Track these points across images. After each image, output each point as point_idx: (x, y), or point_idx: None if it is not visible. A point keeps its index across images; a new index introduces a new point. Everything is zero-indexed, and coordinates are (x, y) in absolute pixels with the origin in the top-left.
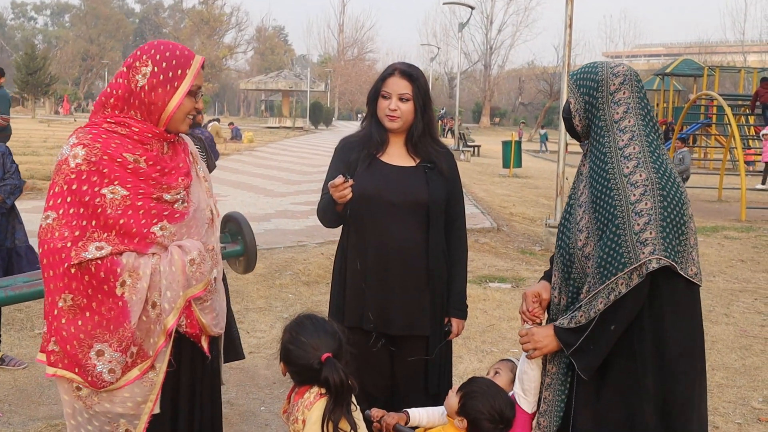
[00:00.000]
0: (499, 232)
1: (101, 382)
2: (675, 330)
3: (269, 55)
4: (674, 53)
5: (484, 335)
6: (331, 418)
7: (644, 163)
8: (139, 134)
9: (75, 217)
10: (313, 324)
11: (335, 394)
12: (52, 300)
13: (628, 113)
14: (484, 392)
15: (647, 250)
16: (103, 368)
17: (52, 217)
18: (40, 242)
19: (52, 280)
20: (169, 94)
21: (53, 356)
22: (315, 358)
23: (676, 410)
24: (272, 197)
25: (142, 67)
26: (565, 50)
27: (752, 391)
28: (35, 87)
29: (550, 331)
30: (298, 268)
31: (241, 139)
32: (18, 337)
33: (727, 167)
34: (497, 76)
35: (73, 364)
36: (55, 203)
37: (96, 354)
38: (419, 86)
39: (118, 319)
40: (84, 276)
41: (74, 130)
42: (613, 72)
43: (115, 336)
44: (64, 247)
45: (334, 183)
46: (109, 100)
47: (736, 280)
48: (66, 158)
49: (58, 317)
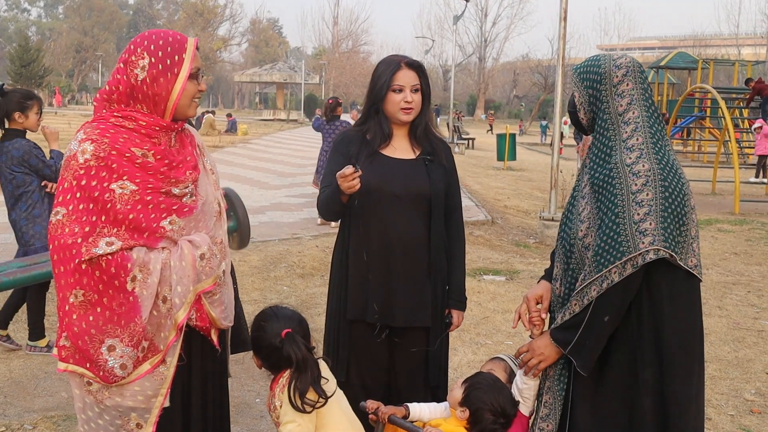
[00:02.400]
0: (493, 224)
1: (113, 377)
2: (674, 322)
3: (264, 48)
4: (669, 46)
5: (479, 327)
6: (297, 387)
7: (647, 153)
8: (146, 128)
9: (85, 213)
10: (273, 310)
11: (296, 366)
12: (64, 296)
13: (632, 105)
14: (490, 385)
15: (647, 240)
16: (115, 363)
17: (62, 212)
18: (50, 238)
19: (63, 276)
20: (171, 81)
21: (64, 351)
22: (276, 337)
23: (674, 403)
24: (267, 190)
25: (138, 60)
26: (559, 43)
27: (745, 383)
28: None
29: (548, 339)
30: (292, 261)
31: (236, 132)
32: (13, 329)
33: (721, 160)
34: (492, 68)
35: (84, 359)
36: (64, 199)
37: (107, 349)
38: (425, 77)
39: (129, 314)
40: (95, 271)
41: (81, 125)
42: (616, 64)
43: (126, 331)
44: (75, 243)
45: (344, 173)
46: (112, 96)
47: (730, 273)
48: (74, 154)
49: (70, 313)
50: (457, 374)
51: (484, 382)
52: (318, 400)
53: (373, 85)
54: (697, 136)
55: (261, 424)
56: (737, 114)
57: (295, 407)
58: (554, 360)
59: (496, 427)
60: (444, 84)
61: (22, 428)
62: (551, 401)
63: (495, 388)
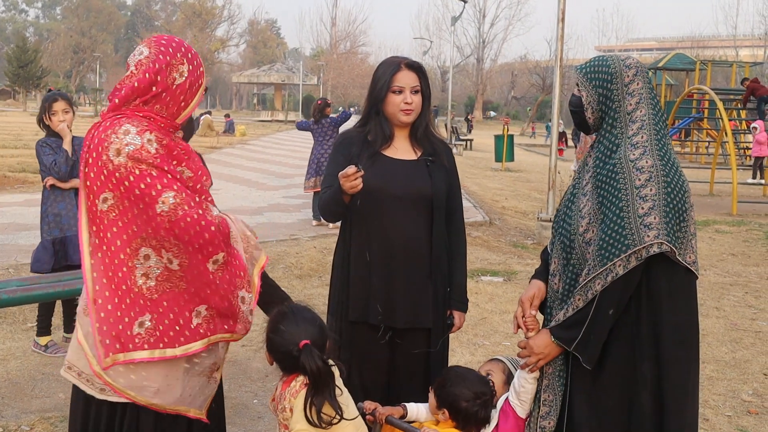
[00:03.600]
0: (491, 225)
1: (248, 323)
2: (672, 316)
3: (261, 49)
4: (666, 47)
5: (476, 328)
6: (314, 403)
7: (650, 150)
8: (163, 129)
9: (184, 191)
10: (293, 313)
11: (313, 380)
12: (204, 268)
13: (641, 103)
14: (454, 378)
15: (652, 234)
16: (247, 309)
17: (171, 195)
18: (175, 221)
19: (203, 247)
20: (196, 90)
21: (202, 327)
22: (293, 346)
23: (672, 397)
24: (265, 191)
25: (179, 65)
26: (557, 44)
27: (742, 383)
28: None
29: (548, 338)
30: (290, 262)
31: (234, 133)
32: (11, 330)
33: (719, 161)
34: (490, 69)
35: (222, 321)
36: (162, 184)
37: (240, 301)
38: (425, 78)
39: (240, 264)
40: (222, 235)
41: (113, 121)
42: (626, 64)
43: (244, 280)
44: (200, 215)
45: (346, 173)
46: (141, 95)
47: (727, 274)
48: (142, 146)
49: (215, 278)
50: None
51: (448, 378)
52: (334, 417)
53: (374, 86)
54: (695, 137)
55: (258, 425)
56: (735, 115)
57: (310, 422)
58: (552, 357)
59: (477, 409)
60: (442, 85)
61: (20, 429)
62: (551, 398)
63: (459, 377)
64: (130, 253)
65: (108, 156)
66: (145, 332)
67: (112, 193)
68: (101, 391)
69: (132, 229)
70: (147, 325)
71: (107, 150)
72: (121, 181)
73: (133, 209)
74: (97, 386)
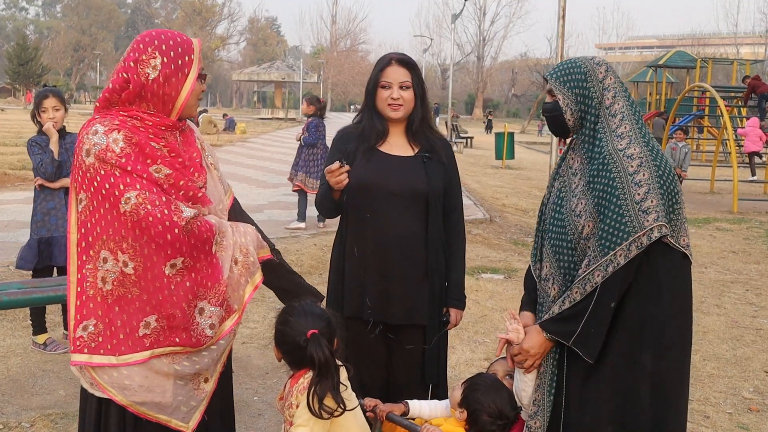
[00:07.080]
0: (491, 223)
1: (204, 338)
2: (673, 303)
3: (262, 46)
4: (667, 45)
5: (477, 326)
6: (316, 392)
7: (636, 139)
8: (153, 127)
9: (149, 189)
10: (302, 306)
11: (319, 370)
12: (159, 271)
13: (617, 97)
14: (488, 387)
15: (651, 218)
16: (205, 324)
17: (133, 194)
18: (138, 220)
19: (161, 248)
20: (181, 82)
21: (147, 339)
22: (301, 336)
23: (671, 388)
24: (265, 188)
25: (150, 59)
26: (558, 42)
27: (743, 381)
28: (27, 78)
29: (540, 336)
30: (290, 259)
31: (234, 130)
32: (11, 328)
33: (719, 159)
34: (490, 67)
35: (172, 334)
36: (124, 183)
37: (199, 312)
38: (417, 74)
39: (214, 275)
40: (190, 238)
41: (88, 120)
42: (596, 62)
43: (212, 291)
44: (165, 214)
45: (330, 168)
46: (119, 95)
47: (728, 272)
48: (107, 146)
49: (168, 284)
50: (455, 372)
51: (483, 384)
52: (336, 408)
53: (367, 82)
54: (695, 135)
55: (258, 422)
56: (735, 112)
57: (312, 412)
58: (545, 353)
59: (494, 429)
60: (442, 83)
61: (20, 426)
62: (540, 398)
63: (493, 389)
64: (93, 255)
65: (81, 157)
66: (87, 336)
67: (85, 193)
68: (91, 386)
69: (97, 231)
70: (90, 329)
71: (81, 151)
72: (91, 181)
73: (100, 209)
74: (87, 380)
